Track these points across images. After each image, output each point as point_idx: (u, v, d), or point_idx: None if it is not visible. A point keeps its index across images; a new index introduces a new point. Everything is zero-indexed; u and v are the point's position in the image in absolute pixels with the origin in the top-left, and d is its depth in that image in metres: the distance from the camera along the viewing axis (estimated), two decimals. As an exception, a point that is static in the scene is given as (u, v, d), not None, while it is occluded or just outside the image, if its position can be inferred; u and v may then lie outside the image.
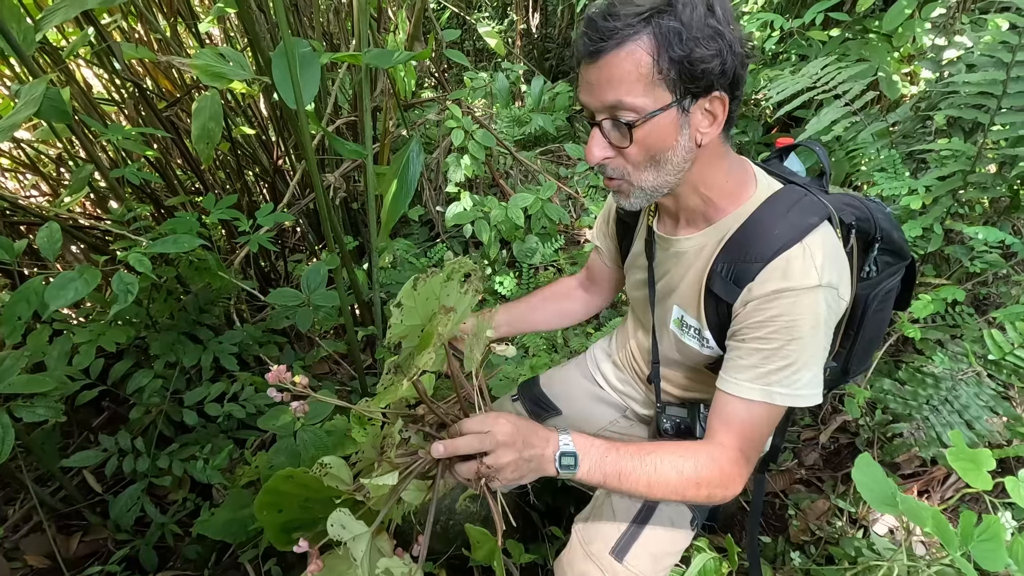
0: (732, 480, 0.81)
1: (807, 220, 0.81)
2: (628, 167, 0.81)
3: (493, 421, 0.72)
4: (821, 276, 0.78)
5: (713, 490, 0.80)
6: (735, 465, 0.81)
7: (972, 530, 0.87)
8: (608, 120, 0.78)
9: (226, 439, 1.65)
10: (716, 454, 0.81)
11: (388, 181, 1.67)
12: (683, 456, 0.80)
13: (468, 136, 2.35)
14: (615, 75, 0.74)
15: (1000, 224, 1.64)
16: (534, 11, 4.43)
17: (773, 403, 0.81)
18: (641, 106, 0.74)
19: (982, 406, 1.40)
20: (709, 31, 0.72)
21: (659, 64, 0.72)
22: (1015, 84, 1.45)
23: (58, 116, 1.21)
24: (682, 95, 0.75)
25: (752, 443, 0.83)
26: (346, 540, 0.65)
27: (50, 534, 1.49)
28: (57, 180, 2.37)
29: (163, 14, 2.16)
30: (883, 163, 1.66)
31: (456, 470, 0.73)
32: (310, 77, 1.12)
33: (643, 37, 0.72)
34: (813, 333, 0.79)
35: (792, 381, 0.80)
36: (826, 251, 0.80)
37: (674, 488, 0.78)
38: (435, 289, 0.77)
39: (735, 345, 0.85)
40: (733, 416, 0.83)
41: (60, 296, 1.14)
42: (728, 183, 0.87)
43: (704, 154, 0.82)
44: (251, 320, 2.03)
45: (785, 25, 2.24)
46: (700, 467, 0.79)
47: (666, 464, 0.78)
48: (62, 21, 1.21)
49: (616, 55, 0.73)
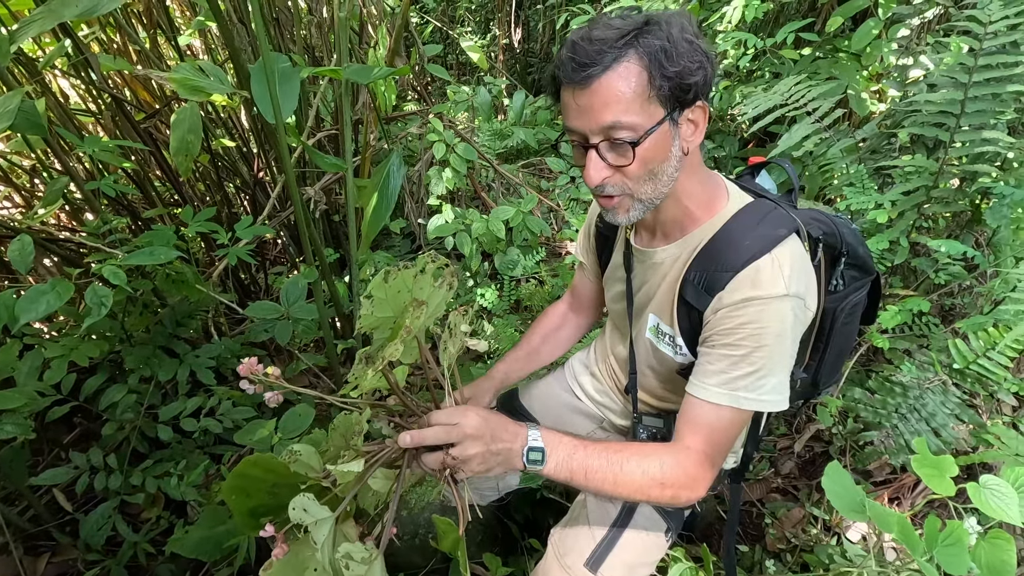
0: (696, 482, 0.83)
1: (776, 232, 0.84)
2: (628, 182, 0.82)
3: (462, 414, 0.74)
4: (788, 286, 0.81)
5: (678, 491, 0.82)
6: (700, 468, 0.83)
7: (937, 536, 0.89)
8: (605, 142, 0.79)
9: (202, 455, 1.62)
10: (682, 457, 0.83)
11: (369, 194, 1.68)
12: (649, 457, 0.82)
13: (450, 149, 2.37)
14: (610, 97, 0.75)
15: (963, 237, 1.70)
16: (516, 26, 4.49)
17: (740, 407, 0.83)
18: (638, 124, 0.76)
19: (948, 414, 1.44)
20: (692, 47, 0.75)
21: (653, 82, 0.75)
22: (972, 104, 1.51)
23: (32, 129, 1.20)
24: (672, 108, 0.78)
25: (718, 447, 0.85)
26: (307, 524, 0.66)
27: (16, 555, 1.45)
28: (31, 192, 2.33)
29: (143, 26, 2.16)
30: (852, 178, 1.71)
31: (423, 460, 0.74)
32: (289, 91, 1.13)
33: (632, 58, 0.74)
34: (779, 341, 0.82)
35: (758, 387, 0.83)
36: (794, 262, 0.83)
37: (639, 487, 0.80)
38: (407, 282, 0.79)
39: (705, 351, 0.87)
40: (701, 420, 0.85)
41: (31, 309, 1.13)
42: (703, 193, 0.90)
43: (687, 163, 0.85)
44: (230, 333, 2.01)
45: (758, 44, 2.31)
46: (665, 469, 0.81)
47: (632, 464, 0.80)
48: (38, 33, 1.21)
49: (608, 77, 0.75)
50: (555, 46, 4.03)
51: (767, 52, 2.40)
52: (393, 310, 0.79)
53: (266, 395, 0.77)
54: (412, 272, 0.79)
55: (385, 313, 0.79)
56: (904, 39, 2.09)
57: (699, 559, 1.16)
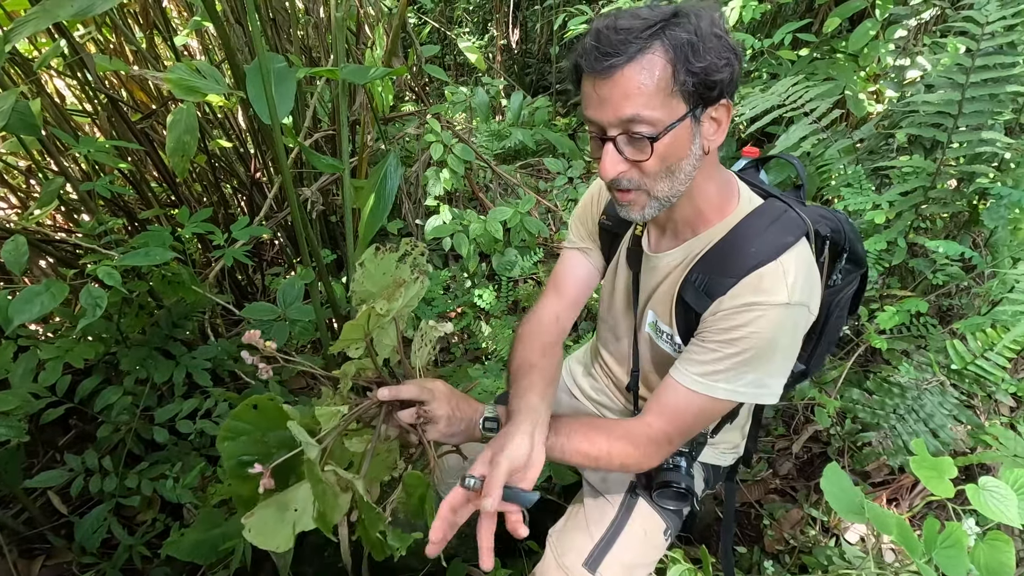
0: (648, 457, 0.88)
1: (784, 239, 0.83)
2: (645, 179, 0.80)
3: (432, 381, 0.86)
4: (792, 294, 0.80)
5: (625, 460, 0.87)
6: (654, 444, 0.87)
7: (936, 537, 0.89)
8: (623, 135, 0.76)
9: (198, 457, 1.61)
10: (636, 431, 0.87)
11: (366, 195, 1.67)
12: (599, 431, 0.87)
13: (447, 150, 2.37)
14: (631, 89, 0.72)
15: (960, 238, 1.70)
16: (514, 27, 4.49)
17: (714, 396, 0.84)
18: (659, 119, 0.74)
19: (946, 415, 1.44)
20: (718, 41, 0.73)
21: (677, 76, 0.72)
22: (970, 104, 1.51)
23: (27, 129, 1.20)
24: (695, 105, 0.75)
25: (681, 431, 0.88)
26: (301, 441, 0.73)
27: (10, 559, 1.44)
28: (27, 193, 2.32)
29: (139, 26, 2.15)
30: (849, 179, 1.71)
31: (397, 415, 0.84)
32: (285, 92, 1.12)
33: (657, 50, 0.72)
34: (771, 348, 0.82)
35: (736, 379, 0.83)
36: (799, 269, 0.82)
37: (586, 456, 0.86)
38: (390, 265, 0.89)
39: (695, 342, 0.87)
40: (671, 401, 0.87)
41: (25, 310, 1.12)
42: (717, 194, 0.88)
43: (705, 163, 0.83)
44: (226, 335, 2.00)
45: (756, 45, 2.31)
46: (613, 442, 0.85)
47: (578, 436, 0.85)
48: (33, 33, 1.20)
49: (631, 68, 0.72)
50: (553, 47, 4.02)
51: (765, 53, 2.40)
52: (377, 286, 0.89)
53: (260, 366, 0.83)
54: (395, 256, 0.89)
55: (371, 288, 0.89)
56: (901, 40, 2.09)
57: (698, 560, 1.16)
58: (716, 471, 1.15)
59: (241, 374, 1.55)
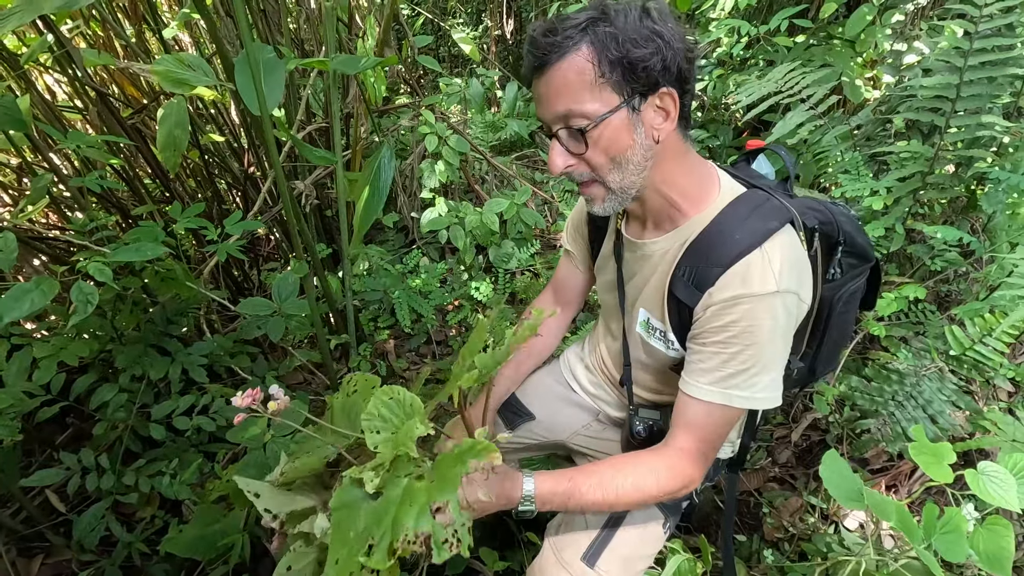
0: (693, 481, 0.87)
1: (767, 225, 0.82)
2: (596, 172, 0.83)
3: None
4: (779, 282, 0.79)
5: (676, 493, 0.87)
6: (694, 466, 0.86)
7: (935, 523, 0.89)
8: (563, 129, 0.81)
9: (195, 453, 1.61)
10: (674, 462, 0.86)
11: (360, 187, 1.66)
12: (641, 469, 0.86)
13: (442, 142, 2.35)
14: (561, 85, 0.77)
15: (958, 223, 1.69)
16: (508, 17, 4.45)
17: (732, 406, 0.83)
18: (591, 111, 0.77)
19: (944, 400, 1.44)
20: (645, 32, 0.75)
21: (599, 68, 0.75)
22: (968, 88, 1.49)
23: (13, 125, 1.18)
24: (629, 95, 0.77)
25: (711, 443, 0.87)
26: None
27: (8, 558, 1.44)
28: (18, 190, 2.30)
29: (128, 19, 2.13)
30: (847, 165, 1.70)
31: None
32: (274, 82, 1.11)
33: (582, 46, 0.75)
34: (771, 338, 0.81)
35: (750, 384, 0.82)
36: (784, 256, 0.81)
37: (638, 502, 0.86)
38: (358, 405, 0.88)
39: (696, 348, 0.86)
40: (694, 419, 0.86)
41: (15, 308, 1.10)
42: (690, 184, 0.88)
43: (664, 152, 0.84)
44: (222, 331, 1.99)
45: (752, 31, 2.29)
46: (661, 480, 0.85)
47: (627, 483, 0.84)
48: (17, 26, 1.18)
49: (559, 67, 0.76)
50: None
51: (761, 39, 2.38)
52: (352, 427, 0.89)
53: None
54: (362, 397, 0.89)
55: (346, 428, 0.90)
56: (898, 24, 2.07)
57: (697, 550, 1.16)
58: (715, 464, 1.15)
59: (238, 370, 1.55)
